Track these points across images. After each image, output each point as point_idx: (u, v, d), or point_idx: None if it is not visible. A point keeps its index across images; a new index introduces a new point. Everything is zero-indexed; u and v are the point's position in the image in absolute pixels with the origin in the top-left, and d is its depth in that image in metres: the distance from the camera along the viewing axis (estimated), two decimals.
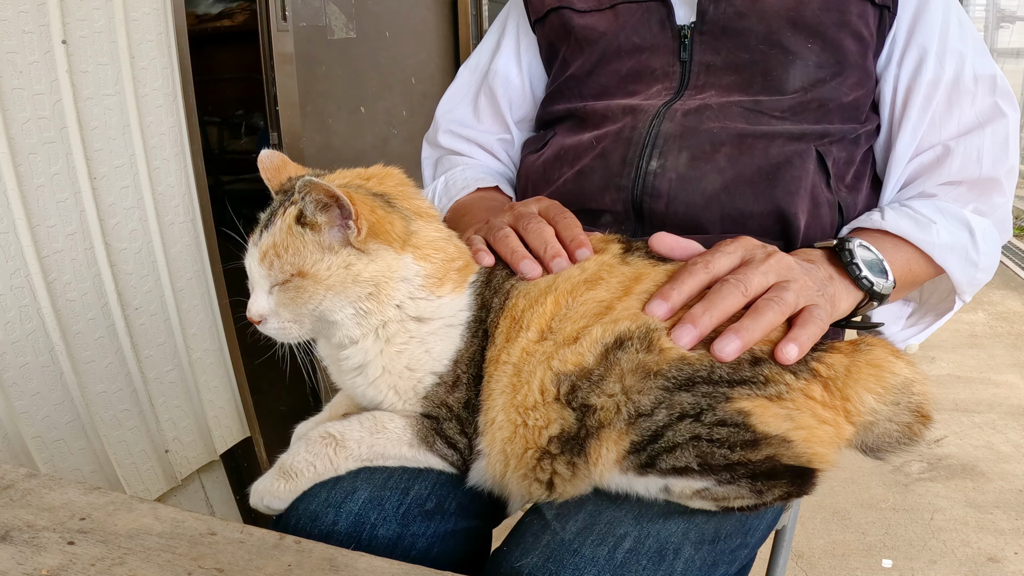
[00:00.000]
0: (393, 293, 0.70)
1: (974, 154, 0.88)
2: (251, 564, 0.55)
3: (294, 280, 0.67)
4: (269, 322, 0.70)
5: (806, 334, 0.66)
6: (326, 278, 0.67)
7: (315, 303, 0.68)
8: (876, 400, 0.65)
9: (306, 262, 0.67)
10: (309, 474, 0.72)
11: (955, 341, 2.99)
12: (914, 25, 0.91)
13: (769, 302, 0.67)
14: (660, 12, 0.96)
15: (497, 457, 0.70)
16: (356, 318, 0.70)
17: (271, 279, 0.68)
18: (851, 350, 0.68)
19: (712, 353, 0.64)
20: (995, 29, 6.50)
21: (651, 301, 0.67)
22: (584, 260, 0.73)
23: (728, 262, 0.70)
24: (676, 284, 0.67)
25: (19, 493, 0.63)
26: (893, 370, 0.66)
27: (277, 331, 0.70)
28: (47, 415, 1.20)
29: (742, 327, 0.65)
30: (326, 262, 0.67)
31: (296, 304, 0.68)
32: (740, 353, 0.64)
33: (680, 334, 0.64)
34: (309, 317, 0.69)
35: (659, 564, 0.66)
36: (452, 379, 0.72)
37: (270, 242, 0.68)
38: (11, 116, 1.10)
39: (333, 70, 2.10)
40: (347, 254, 0.68)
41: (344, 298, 0.68)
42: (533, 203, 0.84)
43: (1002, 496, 1.97)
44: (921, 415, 0.67)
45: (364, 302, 0.69)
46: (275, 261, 0.68)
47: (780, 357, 0.64)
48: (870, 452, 0.69)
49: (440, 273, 0.71)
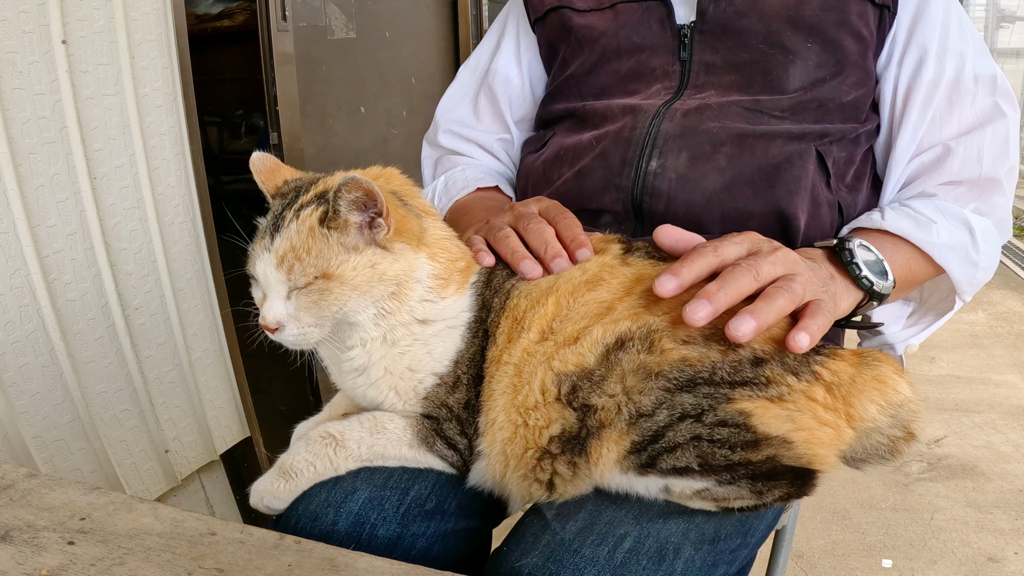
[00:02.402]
0: (411, 292, 0.69)
1: (974, 154, 0.88)
2: (251, 564, 0.55)
3: (317, 283, 0.66)
4: (287, 329, 0.67)
5: (816, 324, 0.65)
6: (352, 278, 0.66)
7: (339, 305, 0.67)
8: (879, 411, 0.66)
9: (331, 263, 0.66)
10: (309, 474, 0.72)
11: (955, 341, 2.99)
12: (914, 25, 0.91)
13: (780, 289, 0.66)
14: (660, 11, 0.96)
15: (497, 458, 0.70)
16: (377, 319, 0.69)
17: (290, 284, 0.67)
18: (857, 361, 0.68)
19: (727, 332, 0.63)
20: (995, 29, 6.50)
21: (660, 276, 0.65)
22: (585, 261, 0.73)
23: (736, 250, 0.70)
24: (686, 262, 0.67)
25: (19, 493, 0.63)
26: (897, 388, 0.67)
27: (296, 337, 0.68)
28: (47, 415, 1.20)
29: (756, 309, 0.64)
30: (352, 262, 0.66)
31: (320, 308, 0.67)
32: (755, 335, 0.63)
33: (695, 307, 0.63)
34: (331, 320, 0.68)
35: (659, 564, 0.66)
36: (452, 380, 0.72)
37: (287, 245, 0.67)
38: (11, 116, 1.10)
39: (333, 70, 2.10)
40: (372, 253, 0.67)
41: (369, 298, 0.68)
42: (533, 203, 0.83)
43: (1002, 496, 1.97)
44: (908, 432, 0.68)
45: (387, 301, 0.68)
46: (295, 265, 0.66)
47: (792, 345, 0.64)
48: (851, 462, 0.69)
49: (446, 274, 0.71)
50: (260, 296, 0.70)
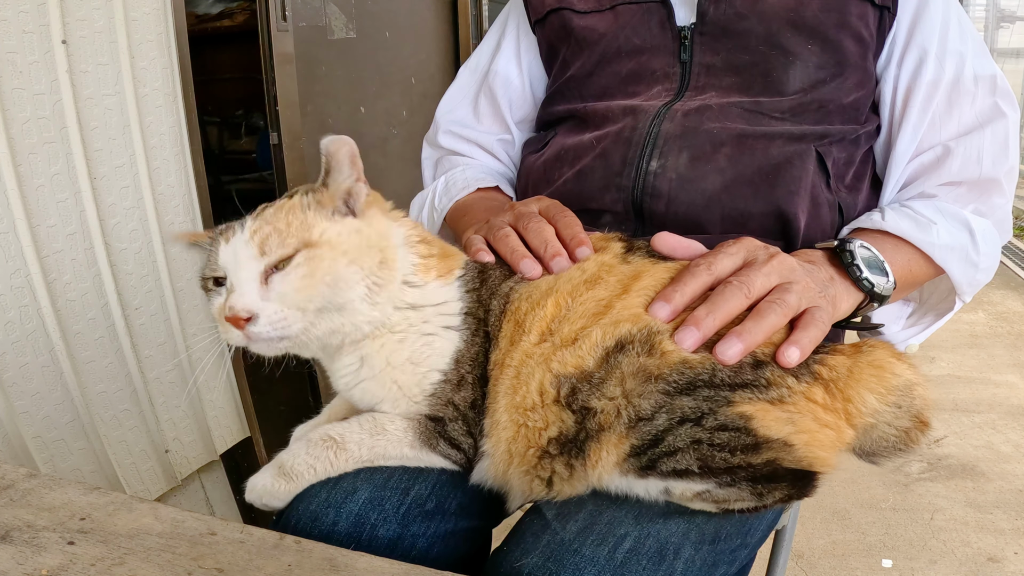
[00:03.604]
0: (396, 259, 0.70)
1: (974, 154, 0.88)
2: (251, 564, 0.55)
3: (301, 255, 0.64)
4: (263, 315, 0.63)
5: (807, 337, 0.66)
6: (341, 243, 0.66)
7: (333, 274, 0.65)
8: (878, 400, 0.65)
9: (313, 232, 0.66)
10: (309, 476, 0.72)
11: (955, 341, 2.99)
12: (914, 26, 0.91)
13: (771, 304, 0.67)
14: (660, 13, 0.96)
15: (502, 456, 0.70)
16: (370, 295, 0.67)
17: (265, 260, 0.64)
18: (853, 351, 0.68)
19: (715, 356, 0.64)
20: (995, 29, 6.50)
21: (654, 303, 0.67)
22: (585, 261, 0.73)
23: (731, 263, 0.70)
24: (679, 286, 0.67)
25: (19, 493, 0.63)
26: (895, 371, 0.66)
27: (273, 326, 0.63)
28: (47, 415, 1.20)
29: (744, 330, 0.65)
30: (336, 228, 0.67)
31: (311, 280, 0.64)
32: (742, 356, 0.64)
33: (683, 336, 0.64)
34: (318, 301, 0.65)
35: (659, 564, 0.66)
36: (457, 378, 0.71)
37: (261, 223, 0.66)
38: (11, 116, 1.10)
39: (333, 70, 2.09)
40: (351, 221, 0.69)
41: (359, 268, 0.67)
42: (533, 202, 0.83)
43: (1002, 496, 1.97)
44: (920, 421, 0.67)
45: (377, 272, 0.68)
46: (272, 237, 0.65)
47: (782, 360, 0.64)
48: (865, 456, 0.69)
49: (424, 255, 0.73)
50: (221, 300, 0.66)
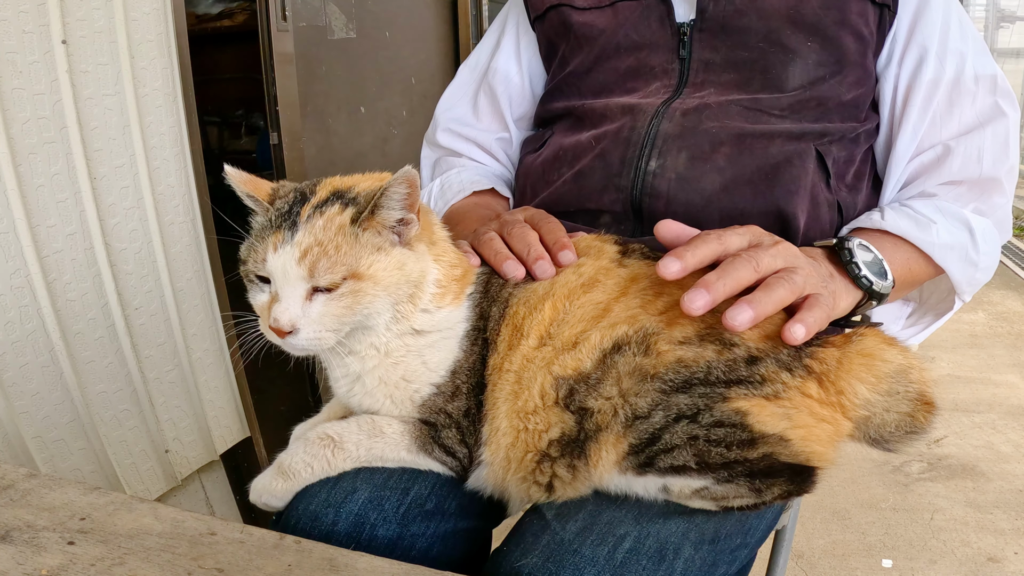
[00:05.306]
0: (422, 296, 0.69)
1: (974, 154, 0.88)
2: (251, 564, 0.55)
3: (347, 284, 0.63)
4: (302, 332, 0.63)
5: (813, 316, 0.65)
6: (384, 279, 0.65)
7: (371, 308, 0.64)
8: (869, 390, 0.65)
9: (361, 263, 0.64)
10: (307, 475, 0.72)
11: (955, 341, 2.99)
12: (914, 24, 0.91)
13: (780, 279, 0.66)
14: (660, 9, 0.96)
15: (500, 464, 0.70)
16: (390, 323, 0.68)
17: (311, 282, 0.63)
18: (843, 342, 0.67)
19: (724, 322, 0.63)
20: (995, 29, 6.50)
21: (664, 258, 0.65)
22: (581, 265, 0.73)
23: (739, 241, 0.70)
24: (690, 247, 0.66)
25: (19, 493, 0.63)
26: (885, 358, 0.66)
27: (308, 342, 0.64)
28: (47, 415, 1.20)
29: (755, 299, 0.64)
30: (383, 262, 0.65)
31: (351, 311, 0.64)
32: (751, 324, 0.63)
33: (693, 296, 0.63)
34: (350, 325, 0.65)
35: (659, 564, 0.66)
36: (451, 390, 0.71)
37: (311, 240, 0.63)
38: (11, 116, 1.10)
39: (333, 70, 2.10)
40: (399, 253, 0.66)
41: (391, 300, 0.66)
42: (520, 212, 0.85)
43: (1002, 496, 1.97)
44: (923, 402, 0.66)
45: (404, 304, 0.67)
46: (321, 261, 0.63)
47: (787, 336, 0.64)
48: (877, 444, 0.68)
49: (445, 281, 0.70)
50: (265, 299, 0.66)
